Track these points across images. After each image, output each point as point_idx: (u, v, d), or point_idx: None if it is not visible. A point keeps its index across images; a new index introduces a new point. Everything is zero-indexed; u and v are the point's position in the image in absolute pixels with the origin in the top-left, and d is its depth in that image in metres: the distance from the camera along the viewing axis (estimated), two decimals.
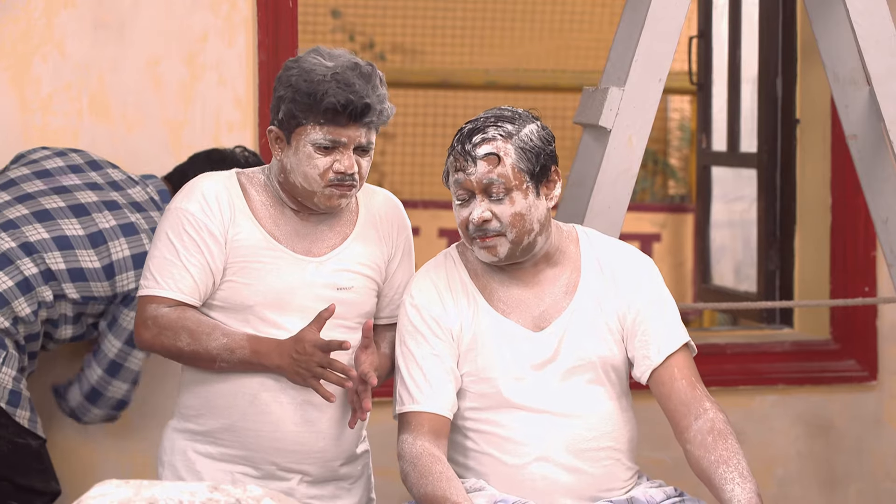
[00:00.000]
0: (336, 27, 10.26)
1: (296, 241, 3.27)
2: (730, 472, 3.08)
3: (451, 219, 9.71)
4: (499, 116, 3.23)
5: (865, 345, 4.77)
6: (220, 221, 3.22)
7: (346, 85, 3.14)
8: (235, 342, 3.17)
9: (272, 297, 3.23)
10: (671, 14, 3.70)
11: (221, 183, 3.27)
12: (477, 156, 3.16)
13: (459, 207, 3.19)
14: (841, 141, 4.43)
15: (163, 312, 3.19)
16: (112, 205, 3.70)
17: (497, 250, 3.18)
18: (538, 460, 3.18)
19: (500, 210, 3.15)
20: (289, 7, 4.14)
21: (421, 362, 3.20)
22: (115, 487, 2.12)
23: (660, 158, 11.02)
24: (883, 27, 3.82)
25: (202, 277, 3.20)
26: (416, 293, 3.25)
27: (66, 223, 3.63)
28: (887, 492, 4.75)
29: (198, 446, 3.29)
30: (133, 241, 3.67)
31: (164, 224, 3.25)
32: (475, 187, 3.16)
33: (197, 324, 3.18)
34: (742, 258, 6.48)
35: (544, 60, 10.32)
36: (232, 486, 2.12)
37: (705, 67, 5.95)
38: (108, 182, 3.77)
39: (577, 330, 3.22)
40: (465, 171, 3.16)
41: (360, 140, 3.18)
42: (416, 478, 3.12)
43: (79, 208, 3.67)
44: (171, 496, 2.09)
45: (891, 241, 4.01)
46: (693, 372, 3.23)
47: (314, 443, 3.27)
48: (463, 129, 3.22)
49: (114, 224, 3.67)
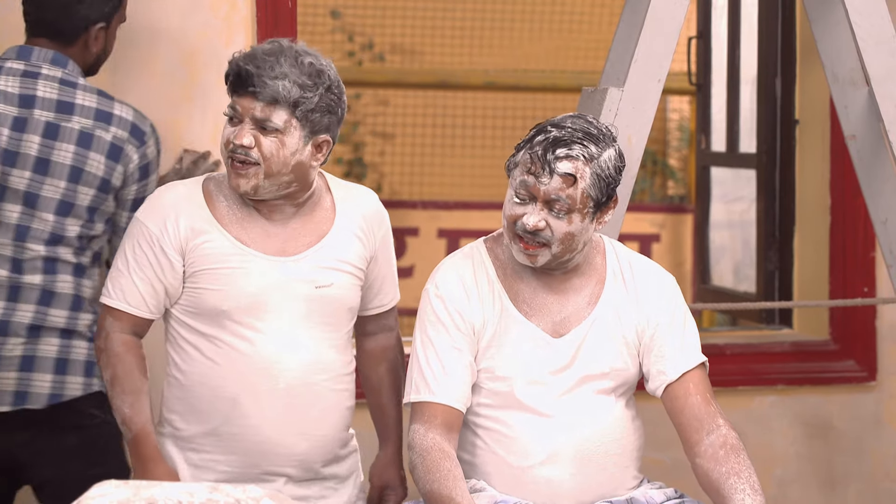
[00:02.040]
0: (335, 27, 10.25)
1: (266, 243, 3.26)
2: (741, 483, 3.08)
3: (450, 219, 9.77)
4: (586, 133, 3.16)
5: (865, 345, 4.77)
6: (174, 235, 3.24)
7: (248, 57, 3.18)
8: (132, 422, 3.24)
9: (245, 300, 3.22)
10: (670, 14, 3.70)
11: (183, 194, 3.29)
12: (556, 170, 3.12)
13: (516, 204, 3.17)
14: (840, 141, 4.43)
15: (114, 337, 3.27)
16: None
17: (537, 259, 3.18)
18: (544, 464, 3.18)
19: (555, 224, 3.14)
20: (288, 7, 4.14)
21: (441, 353, 3.20)
22: (114, 488, 2.12)
23: (659, 159, 11.02)
24: (882, 27, 3.81)
25: (149, 291, 3.25)
26: (442, 284, 3.25)
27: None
28: (887, 492, 4.75)
29: (186, 454, 3.29)
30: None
31: (126, 235, 3.31)
32: (541, 196, 3.14)
33: (124, 374, 3.26)
34: (741, 259, 6.48)
35: (544, 61, 10.32)
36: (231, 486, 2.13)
37: (704, 68, 5.95)
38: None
39: (595, 340, 3.23)
40: (537, 178, 3.13)
41: (254, 112, 3.17)
42: (423, 472, 3.12)
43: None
44: (171, 496, 2.09)
45: (890, 241, 4.01)
46: (708, 388, 3.23)
47: (296, 444, 3.27)
48: (548, 131, 3.16)
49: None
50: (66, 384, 3.58)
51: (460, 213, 9.77)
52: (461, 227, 9.55)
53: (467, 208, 9.78)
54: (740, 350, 4.76)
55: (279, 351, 3.24)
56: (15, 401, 3.56)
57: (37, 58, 3.63)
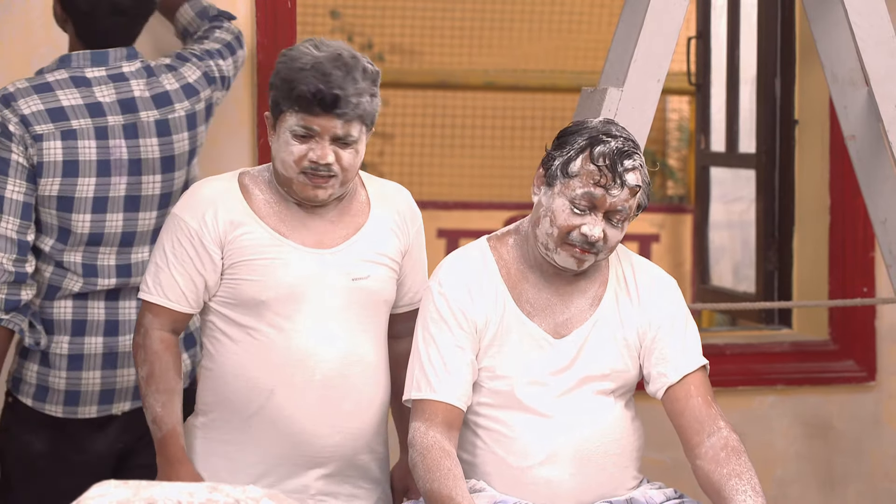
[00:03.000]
0: (335, 28, 10.26)
1: (304, 235, 3.28)
2: (742, 484, 3.08)
3: (450, 219, 9.76)
4: (634, 141, 3.19)
5: (864, 345, 4.77)
6: (212, 228, 3.24)
7: (321, 74, 3.16)
8: (162, 421, 3.24)
9: (284, 290, 3.23)
10: (670, 15, 3.70)
11: (221, 189, 3.29)
12: (627, 182, 3.13)
13: (574, 215, 3.15)
14: (839, 142, 4.43)
15: (153, 335, 3.28)
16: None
17: (584, 264, 3.19)
18: (543, 464, 3.18)
19: (611, 234, 3.16)
20: (287, 8, 4.14)
21: (443, 351, 3.20)
22: (113, 488, 2.12)
23: (658, 159, 11.03)
24: (881, 28, 3.81)
25: (189, 286, 3.25)
26: (445, 281, 3.24)
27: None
28: (886, 492, 4.75)
29: (216, 446, 3.29)
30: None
31: (164, 230, 3.31)
32: (605, 207, 3.14)
33: (160, 373, 3.26)
34: (741, 259, 6.49)
35: (543, 61, 10.32)
36: (231, 486, 2.12)
37: (704, 68, 5.95)
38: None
39: (596, 341, 3.23)
40: (607, 190, 3.12)
41: (335, 131, 3.18)
42: (423, 471, 3.12)
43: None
44: (170, 496, 2.08)
45: (889, 241, 4.01)
46: (709, 390, 3.23)
47: (329, 437, 3.27)
48: (606, 143, 3.15)
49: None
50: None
51: (459, 213, 9.77)
52: (460, 227, 9.55)
53: (466, 208, 9.78)
54: (740, 350, 4.76)
55: (316, 343, 3.25)
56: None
57: (114, 59, 3.62)
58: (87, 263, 3.57)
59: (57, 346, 3.57)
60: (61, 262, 3.56)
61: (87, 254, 3.57)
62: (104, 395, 3.61)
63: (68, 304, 3.58)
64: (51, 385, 3.58)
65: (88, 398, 3.60)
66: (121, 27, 3.63)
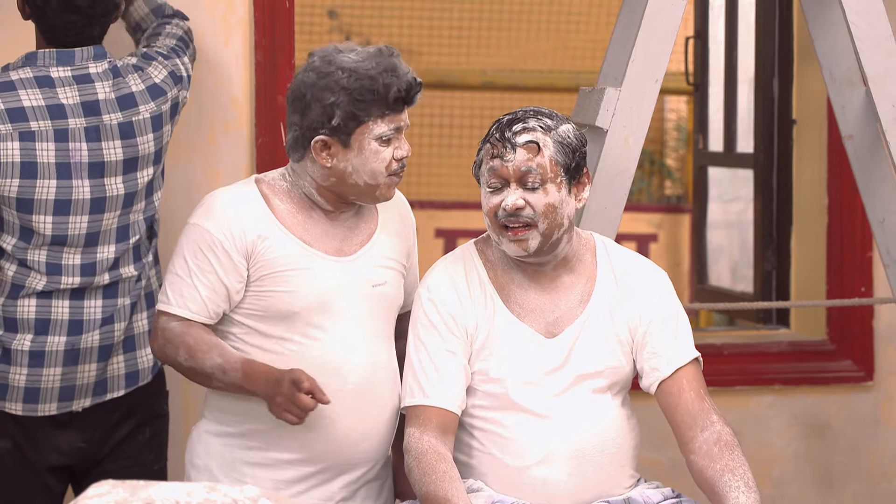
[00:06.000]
0: (333, 27, 10.26)
1: (326, 243, 3.27)
2: (735, 480, 3.08)
3: (447, 219, 9.76)
4: (537, 111, 3.25)
5: (862, 345, 4.77)
6: (239, 239, 3.21)
7: (396, 71, 3.17)
8: (230, 364, 3.18)
9: (315, 300, 3.22)
10: (668, 15, 3.70)
11: (242, 197, 3.26)
12: (517, 143, 3.17)
13: (491, 195, 3.19)
14: (837, 141, 4.43)
15: (170, 326, 3.22)
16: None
17: (528, 244, 3.18)
18: (540, 464, 3.18)
19: (533, 199, 3.16)
20: (285, 7, 4.14)
21: (434, 357, 3.20)
22: (111, 488, 2.12)
23: (656, 159, 11.04)
24: (879, 27, 3.82)
25: (211, 297, 3.21)
26: (434, 287, 3.25)
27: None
28: (884, 492, 4.75)
29: (239, 453, 3.27)
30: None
31: (182, 239, 3.27)
32: (511, 175, 3.16)
33: (197, 341, 3.19)
34: (738, 259, 6.48)
35: (541, 61, 10.33)
36: (232, 486, 2.13)
37: (702, 68, 5.96)
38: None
39: (588, 339, 3.23)
40: (502, 158, 3.17)
41: (407, 120, 3.24)
42: (419, 475, 3.12)
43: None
44: (168, 497, 2.09)
45: (887, 241, 4.01)
46: (701, 384, 3.23)
47: (359, 443, 3.26)
48: (501, 119, 3.24)
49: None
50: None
51: (457, 213, 9.77)
52: (458, 227, 9.56)
53: (464, 208, 9.78)
54: (738, 350, 4.76)
55: (347, 351, 3.24)
56: (128, 383, 3.63)
57: (80, 58, 3.58)
58: (52, 262, 3.53)
59: (19, 344, 3.53)
60: (24, 260, 3.52)
61: (51, 253, 3.53)
62: (64, 392, 3.57)
63: (31, 302, 3.54)
64: (10, 382, 3.54)
65: (48, 395, 3.56)
66: (75, 24, 3.56)
